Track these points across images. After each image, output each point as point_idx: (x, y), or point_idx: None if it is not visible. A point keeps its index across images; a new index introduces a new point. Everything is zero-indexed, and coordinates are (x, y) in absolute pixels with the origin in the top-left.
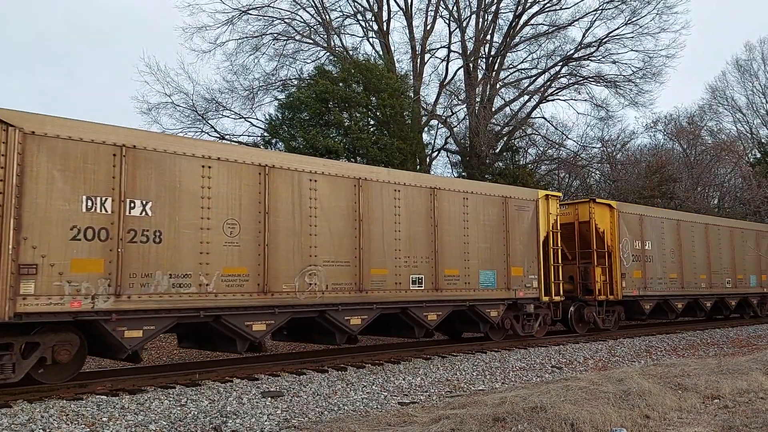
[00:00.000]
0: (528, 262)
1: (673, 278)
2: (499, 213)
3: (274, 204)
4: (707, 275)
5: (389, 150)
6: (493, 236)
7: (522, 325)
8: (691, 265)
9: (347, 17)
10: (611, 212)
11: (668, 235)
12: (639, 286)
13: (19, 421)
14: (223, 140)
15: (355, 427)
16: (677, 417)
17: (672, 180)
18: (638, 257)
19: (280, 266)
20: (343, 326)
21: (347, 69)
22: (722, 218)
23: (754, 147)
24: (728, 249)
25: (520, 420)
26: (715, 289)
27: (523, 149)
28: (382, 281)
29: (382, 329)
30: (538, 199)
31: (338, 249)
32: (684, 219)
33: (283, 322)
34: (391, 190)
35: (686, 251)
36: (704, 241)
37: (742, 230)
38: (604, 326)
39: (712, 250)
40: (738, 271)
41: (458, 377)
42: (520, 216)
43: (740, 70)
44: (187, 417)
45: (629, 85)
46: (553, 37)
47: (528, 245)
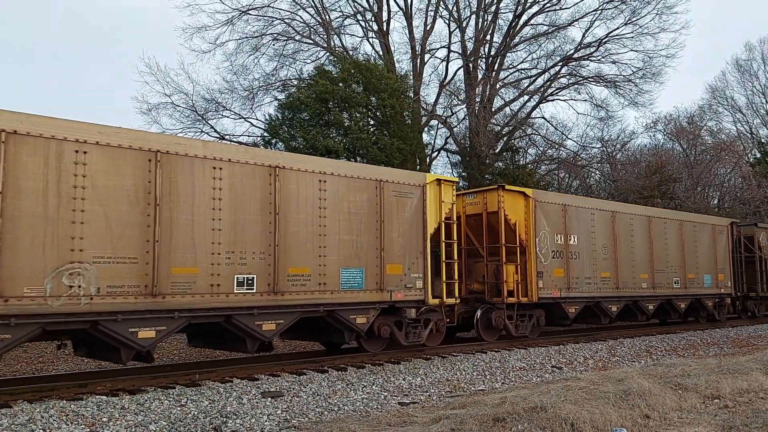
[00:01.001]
0: (410, 258)
1: (606, 278)
2: (371, 200)
3: (13, 181)
4: (650, 274)
5: (389, 150)
6: (362, 227)
7: (406, 333)
8: (628, 262)
9: (347, 17)
10: (526, 201)
11: (601, 229)
12: (561, 286)
13: (19, 421)
14: (223, 140)
15: (356, 427)
16: (677, 417)
17: (672, 180)
18: (560, 253)
19: (21, 264)
20: (128, 341)
21: (347, 69)
22: (670, 210)
23: (754, 147)
24: (677, 245)
25: (520, 420)
26: (660, 289)
27: (523, 149)
28: (189, 282)
29: (209, 340)
30: (425, 185)
31: (119, 241)
32: (620, 210)
33: (24, 336)
34: (209, 168)
35: (623, 247)
36: (647, 235)
37: (694, 224)
38: (517, 333)
39: (656, 246)
40: (689, 269)
41: (458, 377)
42: (401, 204)
43: (740, 70)
44: (187, 417)
45: (629, 85)
46: (552, 37)
47: (411, 239)
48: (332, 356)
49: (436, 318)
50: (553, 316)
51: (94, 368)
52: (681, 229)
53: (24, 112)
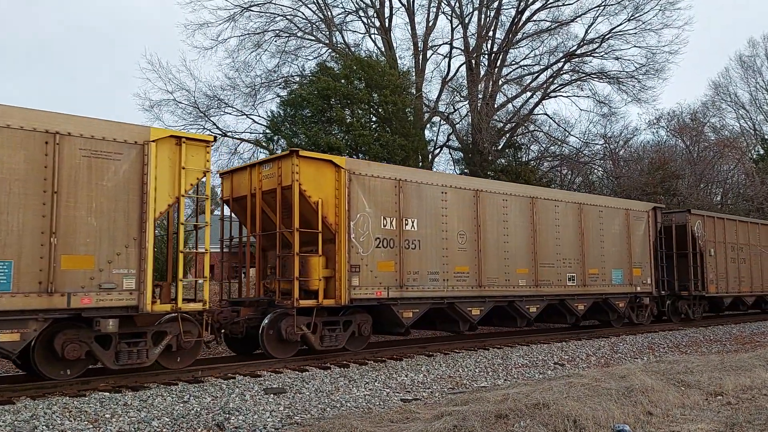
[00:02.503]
0: (111, 247)
1: (463, 273)
2: (35, 159)
3: None
4: (531, 269)
5: (391, 147)
6: (11, 200)
7: (117, 353)
8: (498, 254)
9: (349, 14)
10: (337, 174)
11: (456, 212)
12: (389, 284)
13: (22, 417)
14: (225, 137)
15: (358, 424)
16: (680, 414)
17: (675, 177)
18: (390, 242)
19: None
20: None
21: (349, 66)
22: (565, 191)
23: (757, 143)
24: (574, 233)
25: (522, 417)
26: (546, 288)
27: (525, 146)
28: None
29: None
30: (148, 143)
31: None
32: (487, 189)
33: None
34: None
35: (491, 235)
36: (528, 221)
37: (599, 208)
38: (323, 346)
39: (542, 235)
40: (591, 263)
41: (460, 374)
42: (98, 168)
43: (743, 67)
44: (189, 414)
45: (632, 82)
46: (555, 33)
47: (115, 220)
48: (334, 353)
49: (177, 332)
50: (385, 322)
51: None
52: (581, 214)
53: None
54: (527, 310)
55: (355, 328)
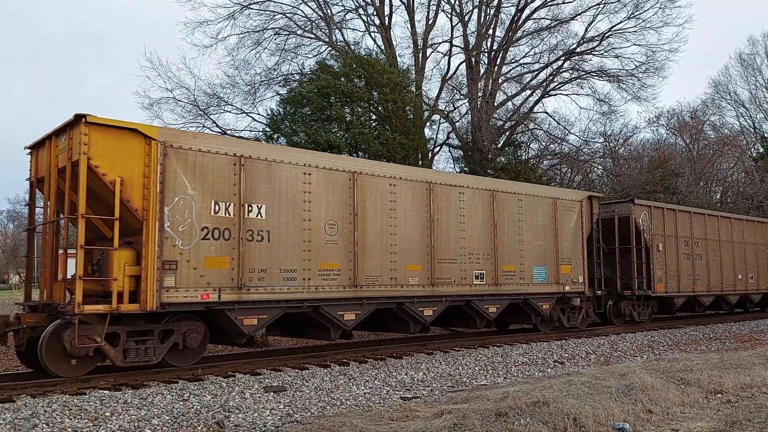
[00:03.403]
0: None
1: (333, 270)
2: None
3: None
4: (425, 266)
5: (391, 145)
6: None
7: None
8: (382, 248)
9: (349, 12)
10: (147, 147)
11: (325, 198)
12: (223, 284)
13: (22, 415)
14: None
15: (358, 422)
16: (680, 412)
17: (674, 175)
18: (225, 233)
19: None
20: None
21: (349, 64)
22: (472, 176)
23: (757, 142)
24: (484, 225)
25: (522, 415)
26: (445, 287)
27: (525, 144)
28: None
29: None
30: None
31: None
32: (369, 172)
33: None
34: None
35: (372, 225)
36: (423, 209)
37: (517, 196)
38: (127, 362)
39: (440, 226)
40: (505, 259)
41: (460, 372)
42: None
43: (743, 65)
44: (189, 412)
45: (632, 80)
46: (555, 31)
47: None
48: (334, 351)
49: None
50: (226, 331)
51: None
52: (493, 202)
53: None
54: (421, 313)
55: (179, 339)
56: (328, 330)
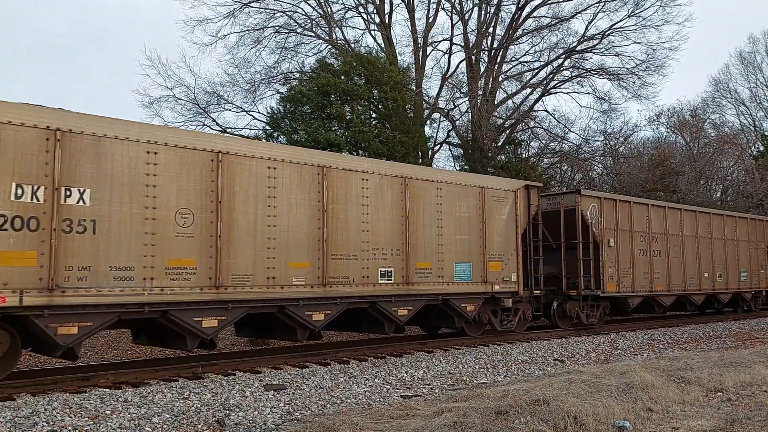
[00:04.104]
0: None
1: (184, 268)
2: None
3: None
4: (315, 262)
5: (391, 143)
6: None
7: None
8: (255, 242)
9: (349, 10)
10: None
11: (176, 181)
12: (27, 285)
13: (22, 414)
14: (225, 133)
15: (358, 420)
16: (680, 410)
17: (675, 173)
18: (30, 222)
19: None
20: None
21: (349, 62)
22: (380, 161)
23: (758, 140)
24: (392, 216)
25: (522, 413)
26: (340, 287)
27: (525, 142)
28: None
29: None
30: None
31: None
32: (237, 151)
33: None
34: None
35: (243, 216)
36: (313, 197)
37: (437, 185)
38: None
39: (335, 216)
40: (418, 255)
41: (460, 370)
42: None
43: (744, 63)
44: (190, 410)
45: (632, 78)
46: (555, 29)
47: None
48: (334, 349)
49: None
50: (38, 341)
51: (97, 361)
52: (405, 190)
53: None
54: (309, 318)
55: None
56: (184, 339)
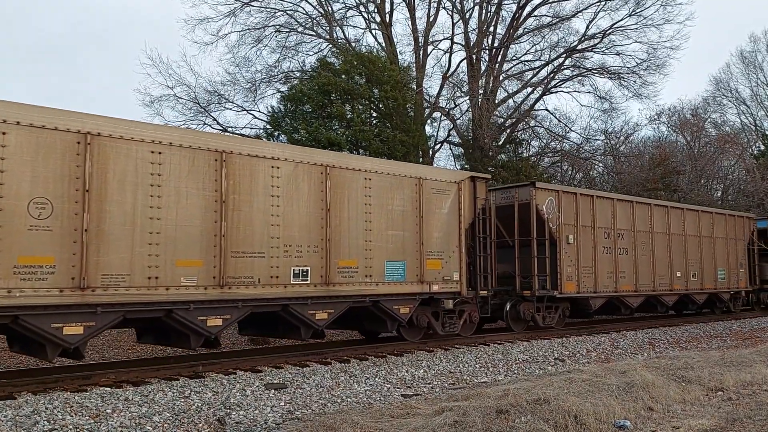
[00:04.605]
0: None
1: (39, 267)
2: None
3: None
4: (210, 260)
5: (392, 142)
6: None
7: None
8: (134, 236)
9: (349, 9)
10: None
11: (29, 166)
12: None
13: (23, 412)
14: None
15: (359, 419)
16: (681, 409)
17: (675, 172)
18: None
19: None
20: None
21: (350, 61)
22: (295, 146)
23: (758, 139)
24: (310, 208)
25: (523, 412)
26: (241, 289)
27: (526, 141)
28: None
29: None
30: None
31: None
32: (111, 133)
33: None
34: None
35: (118, 206)
36: (208, 186)
37: (365, 174)
38: None
39: (237, 208)
40: (342, 252)
41: (461, 369)
42: None
43: (745, 62)
44: (190, 409)
45: (633, 77)
46: (556, 28)
47: None
48: (335, 348)
49: None
50: None
51: (97, 360)
52: (326, 180)
53: None
54: (203, 324)
55: None
56: (44, 348)
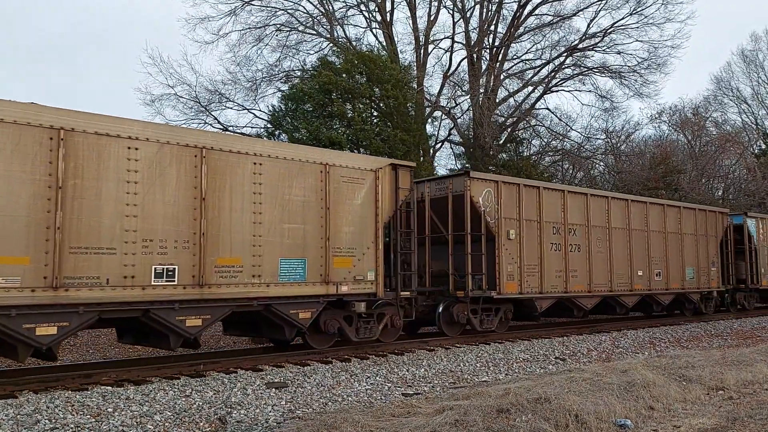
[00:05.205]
0: None
1: None
2: None
3: None
4: (42, 257)
5: (392, 141)
6: None
7: None
8: None
9: (350, 8)
10: None
11: None
12: None
13: (24, 411)
14: (227, 132)
15: (359, 418)
16: (682, 408)
17: (676, 171)
18: None
19: None
20: None
21: (350, 60)
22: (159, 124)
23: (759, 138)
24: (178, 198)
25: (524, 411)
26: (83, 291)
27: (527, 141)
28: None
29: None
30: None
31: None
32: None
33: None
34: None
35: None
36: (39, 169)
37: (254, 159)
38: None
39: (79, 195)
40: (222, 248)
41: (462, 369)
42: None
43: (746, 61)
44: (191, 408)
45: (634, 76)
46: (557, 27)
47: None
48: (336, 348)
49: None
50: None
51: (99, 359)
52: (202, 165)
53: None
54: (31, 333)
55: None
56: None
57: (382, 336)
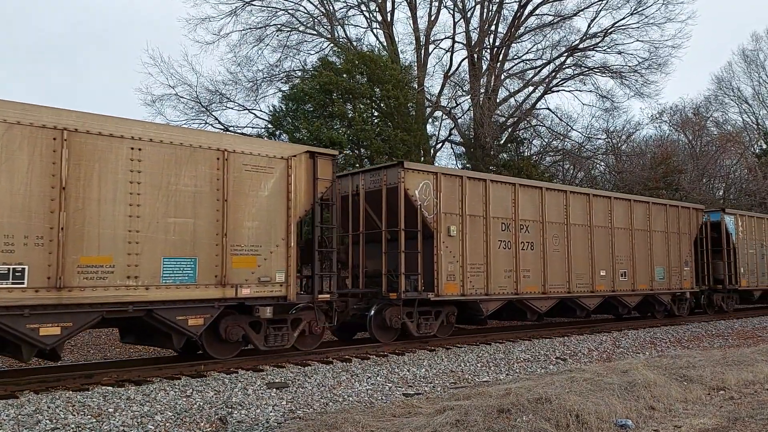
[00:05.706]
0: None
1: None
2: None
3: None
4: None
5: (393, 142)
6: None
7: None
8: None
9: (351, 8)
10: None
11: None
12: None
13: (25, 411)
14: (228, 131)
15: (360, 418)
16: (682, 408)
17: (677, 171)
18: None
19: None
20: None
21: (351, 60)
22: (58, 109)
23: (760, 138)
24: (30, 184)
25: (524, 411)
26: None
27: (527, 141)
28: None
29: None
30: None
31: None
32: None
33: None
34: None
35: None
36: None
37: (132, 142)
38: None
39: None
40: (85, 245)
41: (462, 369)
42: None
43: (746, 61)
44: (192, 408)
45: (635, 76)
46: (558, 27)
47: None
48: (336, 348)
49: None
50: None
51: (99, 359)
52: (62, 150)
53: None
54: None
55: None
56: None
57: (299, 343)
